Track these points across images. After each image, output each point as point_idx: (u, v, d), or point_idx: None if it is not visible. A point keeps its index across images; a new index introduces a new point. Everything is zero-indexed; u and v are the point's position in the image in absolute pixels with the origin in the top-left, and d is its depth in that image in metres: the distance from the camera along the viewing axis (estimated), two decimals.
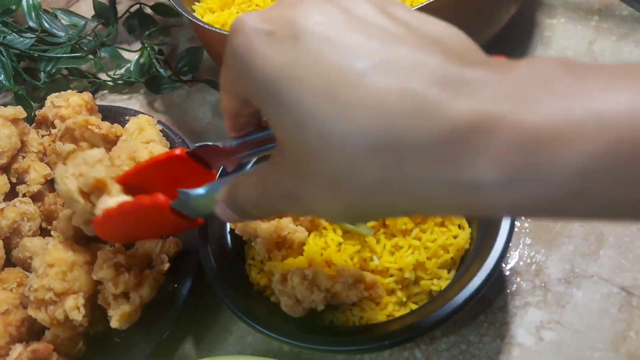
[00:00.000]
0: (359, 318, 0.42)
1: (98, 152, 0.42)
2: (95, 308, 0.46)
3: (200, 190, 0.36)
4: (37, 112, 0.60)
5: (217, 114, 0.66)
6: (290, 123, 0.24)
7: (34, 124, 0.60)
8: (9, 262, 0.52)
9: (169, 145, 0.56)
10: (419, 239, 0.44)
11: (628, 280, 0.44)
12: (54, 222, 0.52)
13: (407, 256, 0.43)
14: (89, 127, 0.54)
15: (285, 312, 0.41)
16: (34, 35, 0.71)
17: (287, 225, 0.45)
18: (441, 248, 0.43)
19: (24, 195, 0.55)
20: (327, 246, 0.45)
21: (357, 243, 0.44)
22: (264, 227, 0.45)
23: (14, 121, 0.56)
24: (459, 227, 0.45)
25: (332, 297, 0.41)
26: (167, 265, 0.47)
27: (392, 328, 0.38)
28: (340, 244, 0.45)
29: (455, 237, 0.44)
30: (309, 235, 0.45)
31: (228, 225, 0.48)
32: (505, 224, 0.40)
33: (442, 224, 0.45)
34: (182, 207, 0.37)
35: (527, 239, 0.47)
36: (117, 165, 0.52)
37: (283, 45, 0.24)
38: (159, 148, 0.54)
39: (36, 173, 0.54)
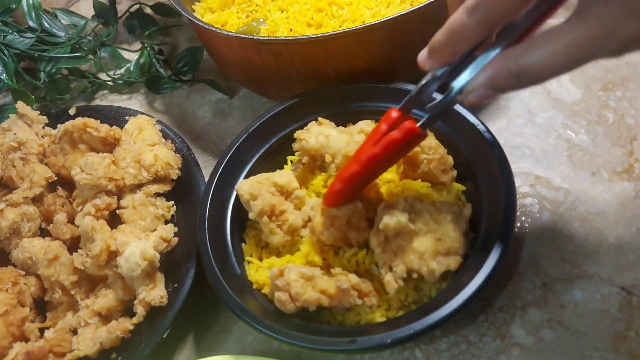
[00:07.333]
0: (356, 322, 0.42)
1: None
2: None
3: (463, 77, 0.35)
4: None
5: (217, 113, 0.66)
6: None
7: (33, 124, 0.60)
8: (9, 262, 0.52)
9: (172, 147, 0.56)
10: None
11: (628, 280, 0.44)
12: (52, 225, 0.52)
13: None
14: (88, 129, 0.54)
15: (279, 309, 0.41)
16: (34, 35, 0.71)
17: (288, 205, 0.46)
18: None
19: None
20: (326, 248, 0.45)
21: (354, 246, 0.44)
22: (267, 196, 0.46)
23: None
24: None
25: (325, 299, 0.40)
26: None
27: (392, 328, 0.38)
28: None
29: None
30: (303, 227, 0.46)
31: (228, 225, 0.48)
32: (505, 225, 0.40)
33: None
34: (431, 120, 0.38)
35: (527, 239, 0.47)
36: (122, 168, 0.52)
37: None
38: (165, 151, 0.54)
39: (38, 176, 0.54)
